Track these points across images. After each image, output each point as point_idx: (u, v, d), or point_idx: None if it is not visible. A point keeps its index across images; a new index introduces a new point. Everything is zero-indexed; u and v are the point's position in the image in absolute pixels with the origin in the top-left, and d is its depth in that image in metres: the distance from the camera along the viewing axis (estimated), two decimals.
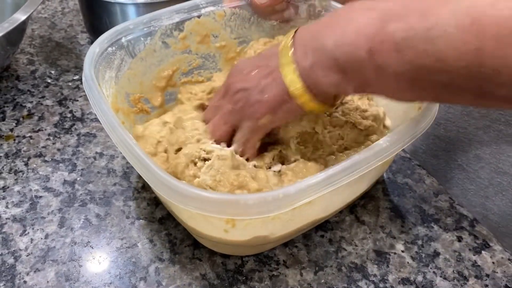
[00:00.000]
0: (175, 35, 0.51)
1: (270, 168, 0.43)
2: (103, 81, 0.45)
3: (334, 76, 0.35)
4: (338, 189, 0.36)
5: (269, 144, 0.45)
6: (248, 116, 0.40)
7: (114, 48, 0.47)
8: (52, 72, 0.67)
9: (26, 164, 0.53)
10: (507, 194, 0.52)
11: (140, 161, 0.35)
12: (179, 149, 0.42)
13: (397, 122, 0.49)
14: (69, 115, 0.60)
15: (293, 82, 0.37)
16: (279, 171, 0.42)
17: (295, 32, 0.38)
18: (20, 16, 0.55)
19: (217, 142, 0.42)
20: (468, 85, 0.30)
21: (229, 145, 0.42)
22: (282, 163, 0.44)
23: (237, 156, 0.41)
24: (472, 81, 0.29)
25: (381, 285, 0.42)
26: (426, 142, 0.60)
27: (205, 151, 0.40)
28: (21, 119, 0.59)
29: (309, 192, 0.34)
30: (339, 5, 0.51)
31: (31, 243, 0.45)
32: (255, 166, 0.42)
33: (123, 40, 0.48)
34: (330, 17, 0.36)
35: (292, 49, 0.37)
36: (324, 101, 0.38)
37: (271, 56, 0.39)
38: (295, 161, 0.43)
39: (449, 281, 0.43)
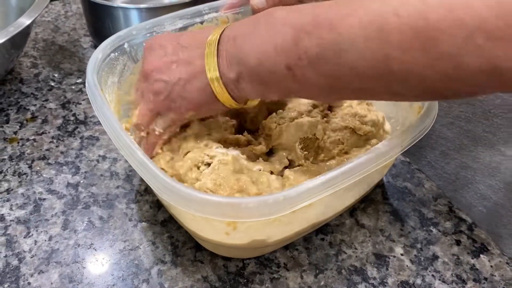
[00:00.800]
0: None
1: (282, 174, 0.43)
2: (106, 86, 0.46)
3: (258, 87, 0.37)
4: (338, 192, 0.36)
5: (250, 132, 0.47)
6: (172, 109, 0.41)
7: (116, 53, 0.48)
8: (56, 75, 0.68)
9: (30, 167, 0.54)
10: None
11: (142, 165, 0.36)
12: (187, 153, 0.43)
13: (397, 126, 0.50)
14: (72, 118, 0.61)
15: (220, 90, 0.38)
16: (282, 175, 0.43)
17: (220, 35, 0.38)
18: (25, 21, 0.56)
19: (144, 126, 0.43)
20: (382, 88, 0.32)
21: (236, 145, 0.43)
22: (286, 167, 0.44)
23: (242, 161, 0.41)
24: (385, 85, 0.32)
25: None
26: None
27: (208, 156, 0.40)
28: (24, 122, 0.60)
29: (309, 195, 0.35)
30: None
31: (35, 245, 0.46)
32: (260, 170, 0.42)
33: (126, 45, 0.48)
34: (252, 23, 0.37)
35: (217, 58, 0.37)
36: (247, 101, 0.41)
37: (195, 56, 0.39)
38: (299, 165, 0.44)
39: (447, 284, 0.44)
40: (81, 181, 0.52)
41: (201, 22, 0.53)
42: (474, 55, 0.27)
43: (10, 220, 0.48)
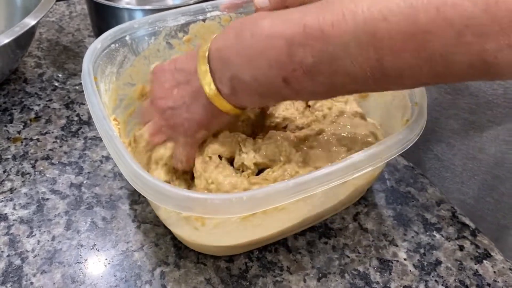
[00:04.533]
0: (179, 37, 0.52)
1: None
2: (103, 75, 0.46)
3: (256, 98, 0.37)
4: (312, 199, 0.36)
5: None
6: (182, 133, 0.41)
7: (117, 45, 0.48)
8: (60, 75, 0.68)
9: (33, 167, 0.54)
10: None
11: (117, 153, 0.36)
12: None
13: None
14: (76, 118, 0.61)
15: (221, 103, 0.38)
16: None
17: (209, 50, 0.38)
18: (31, 21, 0.56)
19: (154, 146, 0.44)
20: (377, 88, 0.33)
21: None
22: None
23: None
24: (379, 85, 0.33)
25: None
26: None
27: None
28: (28, 121, 0.60)
29: (275, 198, 0.34)
30: None
31: (38, 244, 0.46)
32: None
33: (127, 38, 0.49)
34: (235, 39, 0.36)
35: (211, 73, 0.37)
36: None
37: (190, 74, 0.39)
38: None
39: None
40: (85, 182, 0.52)
41: (204, 20, 0.53)
42: (464, 52, 0.28)
43: (13, 220, 0.48)
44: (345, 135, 0.46)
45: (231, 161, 0.43)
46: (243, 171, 0.43)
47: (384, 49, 0.29)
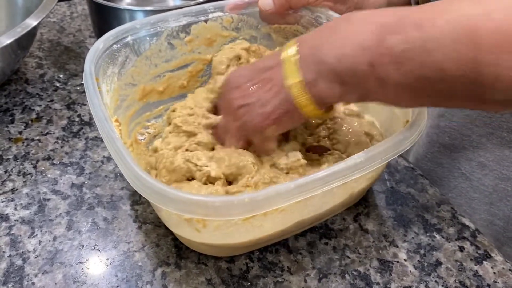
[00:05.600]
0: (181, 37, 0.52)
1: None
2: (105, 76, 0.46)
3: (337, 88, 0.36)
4: (312, 199, 0.36)
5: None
6: (254, 130, 0.41)
7: (119, 45, 0.48)
8: (61, 76, 0.68)
9: (35, 167, 0.54)
10: (510, 199, 0.53)
11: (118, 154, 0.36)
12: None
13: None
14: (77, 119, 0.61)
15: (300, 94, 0.37)
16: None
17: (296, 43, 0.38)
18: (32, 22, 0.56)
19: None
20: (467, 92, 0.31)
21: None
22: None
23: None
24: (470, 89, 0.31)
25: None
26: (431, 150, 0.60)
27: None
28: (29, 122, 0.60)
29: (277, 200, 0.34)
30: (337, 15, 0.52)
31: (39, 245, 0.46)
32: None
33: (129, 38, 0.49)
34: (328, 28, 0.37)
35: (297, 62, 0.37)
36: (325, 108, 0.39)
37: (272, 68, 0.39)
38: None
39: None
40: (86, 182, 0.52)
41: (205, 21, 0.53)
42: None
43: (15, 220, 0.48)
44: (339, 137, 0.47)
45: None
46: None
47: (483, 48, 0.28)
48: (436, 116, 0.58)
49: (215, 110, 0.48)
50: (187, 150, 0.44)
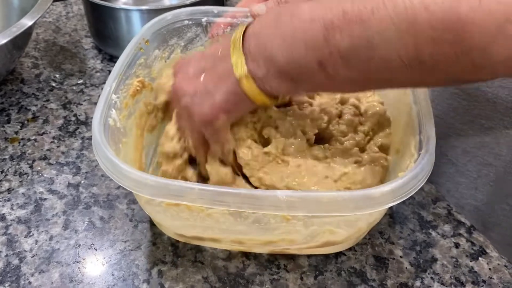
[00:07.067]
0: None
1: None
2: (164, 44, 0.49)
3: (288, 84, 0.37)
4: (245, 221, 0.38)
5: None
6: (200, 118, 0.40)
7: (191, 22, 0.50)
8: (57, 76, 0.68)
9: (31, 167, 0.54)
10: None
11: (96, 142, 0.37)
12: None
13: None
14: (73, 118, 0.61)
15: (249, 86, 0.37)
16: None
17: (244, 33, 0.38)
18: (27, 21, 0.56)
19: (200, 154, 0.44)
20: (412, 77, 0.33)
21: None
22: None
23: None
24: (415, 74, 0.32)
25: None
26: None
27: None
28: (25, 122, 0.60)
29: (178, 196, 0.35)
30: None
31: (36, 244, 0.46)
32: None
33: (203, 20, 0.50)
34: (275, 22, 0.36)
35: (244, 55, 0.37)
36: (276, 97, 0.40)
37: (218, 59, 0.39)
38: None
39: (446, 286, 0.44)
40: (82, 182, 0.52)
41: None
42: (503, 45, 0.28)
43: (11, 220, 0.48)
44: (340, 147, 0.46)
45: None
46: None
47: (424, 38, 0.29)
48: None
49: None
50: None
